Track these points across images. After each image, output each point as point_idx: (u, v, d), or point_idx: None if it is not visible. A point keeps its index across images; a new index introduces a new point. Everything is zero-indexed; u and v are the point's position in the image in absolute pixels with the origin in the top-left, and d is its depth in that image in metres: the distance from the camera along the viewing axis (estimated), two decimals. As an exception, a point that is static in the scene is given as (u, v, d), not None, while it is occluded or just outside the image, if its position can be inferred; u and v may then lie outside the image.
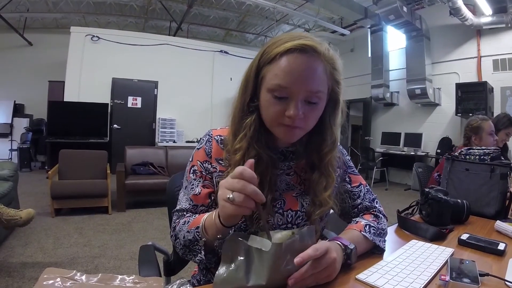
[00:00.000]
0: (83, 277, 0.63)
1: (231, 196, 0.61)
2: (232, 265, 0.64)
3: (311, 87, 0.72)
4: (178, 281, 0.68)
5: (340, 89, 0.81)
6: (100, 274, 0.64)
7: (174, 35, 8.62)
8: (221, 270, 0.64)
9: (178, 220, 0.86)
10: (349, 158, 1.01)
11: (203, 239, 0.74)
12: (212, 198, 0.87)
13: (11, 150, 7.36)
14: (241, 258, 0.63)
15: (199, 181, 0.87)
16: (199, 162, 0.88)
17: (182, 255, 0.83)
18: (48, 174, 3.83)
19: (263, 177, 0.79)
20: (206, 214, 0.76)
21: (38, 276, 2.23)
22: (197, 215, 0.84)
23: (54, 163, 4.23)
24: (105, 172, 4.13)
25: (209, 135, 0.91)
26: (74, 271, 0.64)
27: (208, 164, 0.87)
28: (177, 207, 0.89)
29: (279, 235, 0.69)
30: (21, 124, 7.59)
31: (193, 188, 0.87)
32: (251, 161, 0.64)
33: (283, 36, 0.75)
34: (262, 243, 0.63)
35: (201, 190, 0.86)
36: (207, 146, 0.89)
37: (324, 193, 0.83)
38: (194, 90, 8.08)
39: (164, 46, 7.83)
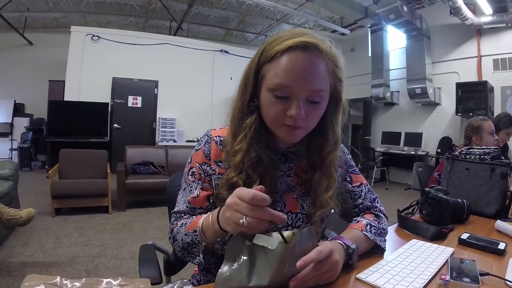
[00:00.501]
0: (67, 282, 0.61)
1: (244, 222, 0.58)
2: (235, 264, 0.63)
3: (314, 86, 0.71)
4: (179, 281, 0.68)
5: (342, 87, 0.79)
6: (84, 279, 0.62)
7: (174, 35, 8.61)
8: (224, 269, 0.63)
9: (176, 222, 0.86)
10: (350, 157, 1.00)
11: (203, 243, 0.73)
12: (211, 201, 0.86)
13: (12, 149, 7.36)
14: (245, 257, 0.63)
15: (198, 184, 0.86)
16: (197, 164, 0.87)
17: (181, 256, 0.82)
18: (48, 174, 3.83)
19: (263, 178, 0.78)
20: (203, 217, 0.74)
21: (38, 276, 2.19)
22: (194, 217, 0.83)
23: (54, 163, 4.23)
24: (105, 172, 4.13)
25: (208, 136, 0.89)
26: (58, 277, 0.61)
27: (207, 166, 0.86)
28: (175, 209, 0.88)
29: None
30: (22, 124, 7.59)
31: (191, 190, 0.86)
32: (261, 187, 0.60)
33: (284, 33, 0.73)
34: (268, 242, 0.62)
35: (199, 192, 0.85)
36: (206, 147, 0.87)
37: (325, 194, 0.82)
38: (194, 89, 8.07)
39: (164, 46, 7.82)
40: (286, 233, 0.68)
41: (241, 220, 0.58)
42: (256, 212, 0.58)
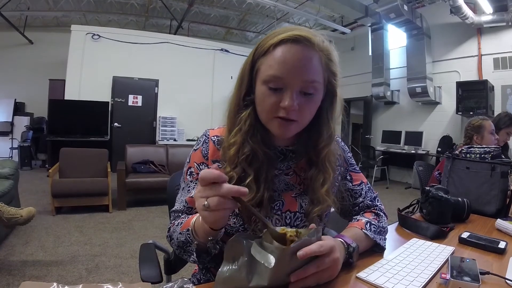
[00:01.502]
0: None
1: (206, 203, 0.58)
2: (235, 265, 0.63)
3: (306, 77, 0.71)
4: (179, 280, 0.68)
5: (336, 81, 0.79)
6: (81, 285, 0.60)
7: (174, 34, 8.60)
8: (224, 268, 0.63)
9: (173, 221, 0.86)
10: (351, 155, 1.00)
11: (195, 242, 0.73)
12: None
13: (12, 148, 7.37)
14: (245, 259, 0.62)
15: (195, 183, 0.86)
16: (195, 164, 0.87)
17: (178, 254, 0.83)
18: (48, 173, 3.83)
19: (259, 174, 0.78)
20: (195, 216, 0.74)
21: (38, 275, 2.22)
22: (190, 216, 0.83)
23: (54, 162, 4.24)
24: (105, 171, 4.13)
25: (206, 136, 0.89)
26: (54, 283, 0.59)
27: (205, 166, 0.86)
28: (174, 208, 0.89)
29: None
30: (22, 123, 7.60)
31: (189, 190, 0.86)
32: (215, 165, 0.61)
33: (278, 30, 0.75)
34: (266, 258, 0.61)
35: None
36: (203, 147, 0.88)
37: (321, 189, 0.82)
38: (194, 88, 8.07)
39: (164, 45, 7.81)
40: (290, 231, 0.68)
41: (203, 203, 0.58)
42: (213, 190, 0.58)
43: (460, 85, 6.05)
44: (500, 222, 1.16)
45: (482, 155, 1.65)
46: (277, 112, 0.73)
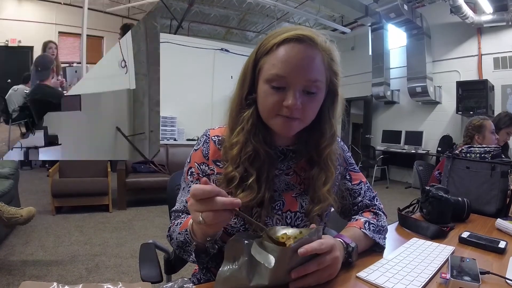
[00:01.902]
0: None
1: (201, 219, 0.59)
2: (235, 264, 0.63)
3: (309, 76, 0.71)
4: (179, 280, 0.68)
5: (338, 81, 0.79)
6: (81, 285, 0.60)
7: (174, 33, 8.59)
8: (224, 268, 0.63)
9: (173, 220, 0.86)
10: (350, 154, 1.00)
11: (194, 243, 0.73)
12: None
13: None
14: (245, 258, 0.62)
15: (196, 183, 0.85)
16: (196, 164, 0.87)
17: (178, 254, 0.83)
18: (48, 172, 3.83)
19: (260, 174, 0.78)
20: None
21: (39, 274, 2.21)
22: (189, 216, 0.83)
23: (54, 161, 4.23)
24: (105, 170, 4.13)
25: (206, 136, 0.89)
26: (55, 283, 0.59)
27: (205, 166, 0.86)
28: (174, 207, 0.89)
29: (285, 233, 0.68)
30: (22, 122, 7.59)
31: (190, 190, 0.86)
32: (204, 179, 0.61)
33: (281, 29, 0.75)
34: (265, 258, 0.60)
35: None
36: (204, 147, 0.87)
37: (323, 188, 0.82)
38: (194, 88, 8.04)
39: (164, 44, 7.73)
40: (292, 231, 0.68)
41: (199, 218, 0.59)
42: (206, 206, 0.58)
43: (460, 84, 6.05)
44: (500, 222, 1.16)
45: (482, 155, 1.65)
46: (280, 111, 0.73)
